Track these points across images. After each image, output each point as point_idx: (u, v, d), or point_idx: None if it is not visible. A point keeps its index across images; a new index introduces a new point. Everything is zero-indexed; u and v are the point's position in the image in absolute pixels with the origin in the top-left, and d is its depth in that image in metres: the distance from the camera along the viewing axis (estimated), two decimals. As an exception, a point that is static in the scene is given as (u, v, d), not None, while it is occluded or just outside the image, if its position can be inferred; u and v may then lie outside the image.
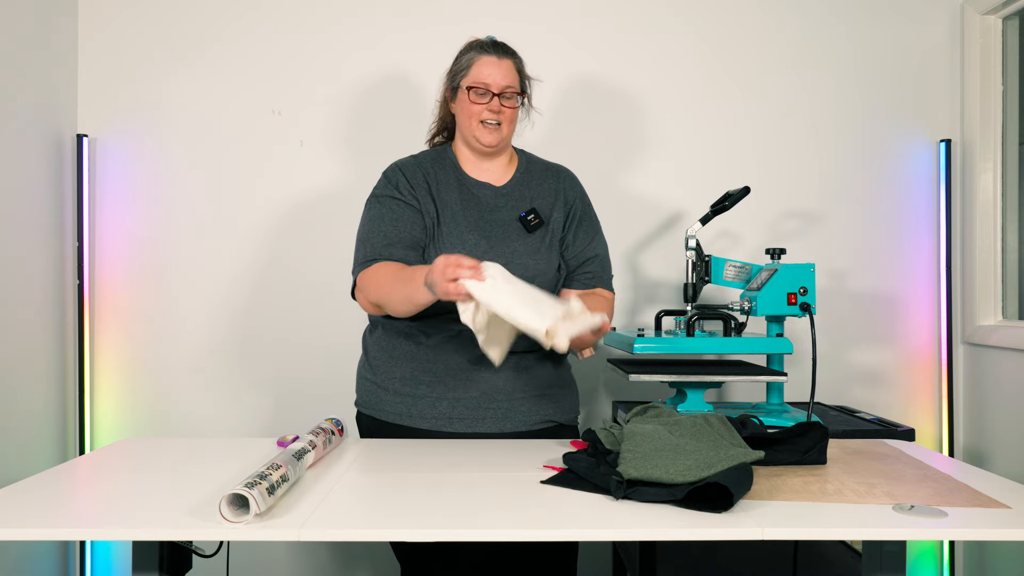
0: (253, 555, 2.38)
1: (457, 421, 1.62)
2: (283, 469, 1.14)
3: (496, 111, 1.65)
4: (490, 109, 1.64)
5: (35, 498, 1.16)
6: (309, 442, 1.34)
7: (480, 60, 1.65)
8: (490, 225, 1.67)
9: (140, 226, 2.40)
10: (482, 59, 1.65)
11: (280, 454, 1.21)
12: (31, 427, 2.20)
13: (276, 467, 1.13)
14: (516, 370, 1.64)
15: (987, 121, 2.38)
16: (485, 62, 1.65)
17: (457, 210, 1.67)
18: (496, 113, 1.65)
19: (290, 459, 1.20)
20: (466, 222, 1.66)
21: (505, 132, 1.67)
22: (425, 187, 1.67)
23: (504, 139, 1.68)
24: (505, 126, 1.67)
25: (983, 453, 2.35)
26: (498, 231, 1.66)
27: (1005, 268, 2.39)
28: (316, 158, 2.43)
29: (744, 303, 1.88)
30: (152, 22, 2.41)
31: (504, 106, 1.65)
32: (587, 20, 2.44)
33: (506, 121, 1.66)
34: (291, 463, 1.19)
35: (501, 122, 1.66)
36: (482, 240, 1.64)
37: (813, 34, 2.46)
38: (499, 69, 1.64)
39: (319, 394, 2.40)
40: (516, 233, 1.67)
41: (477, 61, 1.65)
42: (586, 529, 1.06)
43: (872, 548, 1.25)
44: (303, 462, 1.26)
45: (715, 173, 2.43)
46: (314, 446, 1.34)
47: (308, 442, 1.33)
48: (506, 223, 1.68)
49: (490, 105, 1.64)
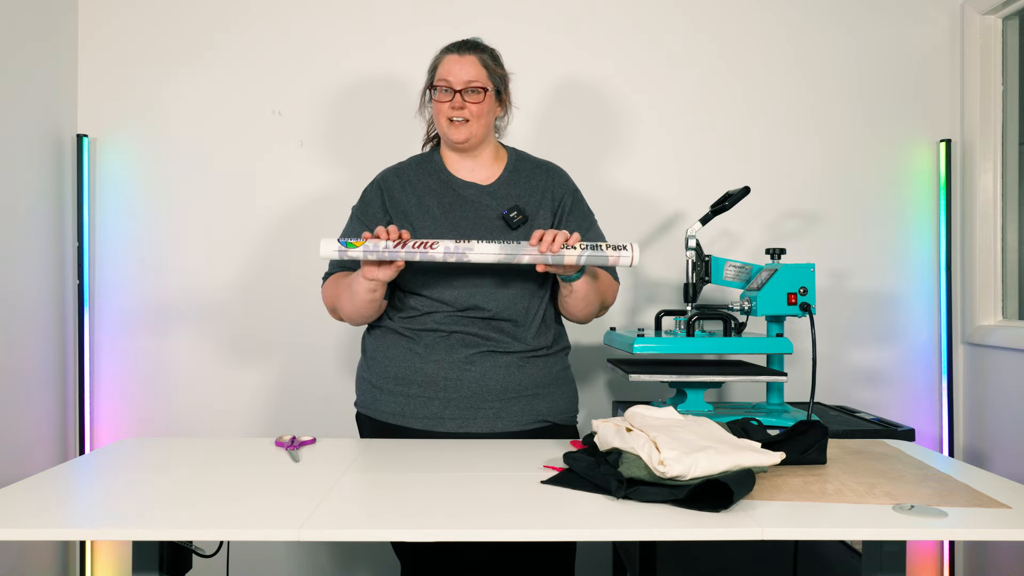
0: (253, 555, 2.38)
1: (448, 421, 1.62)
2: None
3: (459, 107, 1.65)
4: (453, 106, 1.65)
5: (35, 498, 1.16)
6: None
7: (444, 60, 1.69)
8: (471, 224, 1.67)
9: (140, 226, 2.40)
10: (445, 59, 1.68)
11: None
12: (31, 427, 2.20)
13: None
14: (508, 369, 1.64)
15: (987, 121, 2.38)
16: (447, 60, 1.68)
17: (437, 213, 1.68)
18: (459, 109, 1.65)
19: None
20: (446, 222, 1.66)
21: (474, 128, 1.67)
22: (390, 200, 1.72)
23: (474, 134, 1.68)
24: (474, 122, 1.66)
25: (983, 453, 2.35)
26: (479, 230, 1.66)
27: (1005, 268, 2.39)
28: (316, 158, 2.43)
29: (744, 303, 1.89)
30: (152, 22, 2.41)
31: (468, 102, 1.65)
32: (587, 19, 2.44)
33: (473, 117, 1.66)
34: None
35: (468, 118, 1.66)
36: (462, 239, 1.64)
37: (813, 34, 2.46)
38: (460, 66, 1.66)
39: (319, 394, 2.41)
40: (499, 231, 1.67)
41: (441, 61, 1.69)
42: (586, 529, 1.06)
43: (872, 548, 1.25)
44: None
45: (715, 173, 2.43)
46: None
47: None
48: (490, 221, 1.68)
49: (453, 102, 1.65)
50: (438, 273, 1.64)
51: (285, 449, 1.48)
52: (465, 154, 1.73)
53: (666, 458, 1.12)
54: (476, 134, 1.68)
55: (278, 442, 1.51)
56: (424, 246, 1.49)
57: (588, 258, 1.51)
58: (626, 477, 1.15)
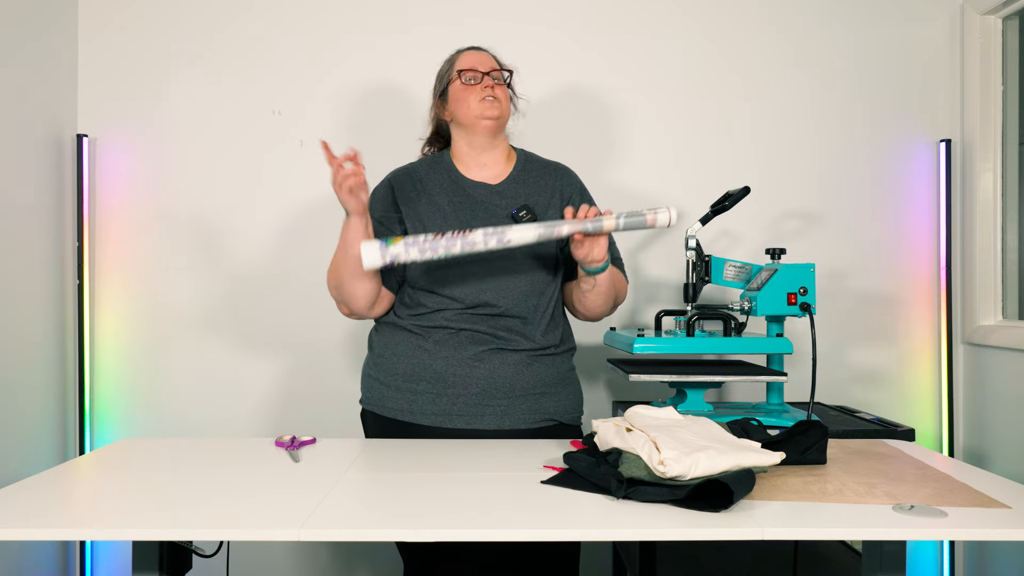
0: (253, 555, 2.38)
1: (457, 417, 1.63)
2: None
3: (490, 86, 1.72)
4: (484, 85, 1.71)
5: (35, 498, 1.16)
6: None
7: (461, 56, 1.77)
8: (482, 224, 1.67)
9: (140, 226, 2.40)
10: (464, 53, 1.77)
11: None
12: (31, 427, 2.20)
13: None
14: (517, 367, 1.65)
15: (987, 121, 2.38)
16: (468, 54, 1.76)
17: (448, 212, 1.69)
18: (491, 88, 1.71)
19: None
20: (457, 222, 1.68)
21: (504, 107, 1.73)
22: (402, 197, 1.72)
23: (504, 114, 1.73)
24: (503, 101, 1.73)
25: (983, 453, 2.35)
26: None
27: (1005, 268, 2.39)
28: (317, 157, 2.42)
29: (744, 303, 1.89)
30: (152, 22, 2.41)
31: (496, 84, 1.73)
32: (588, 19, 2.44)
33: (503, 97, 1.73)
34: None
35: (498, 97, 1.72)
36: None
37: (813, 34, 2.46)
38: (480, 57, 1.76)
39: (319, 394, 2.41)
40: None
41: (460, 56, 1.77)
42: (586, 529, 1.06)
43: (872, 548, 1.25)
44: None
45: (715, 173, 2.43)
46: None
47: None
48: (499, 220, 1.68)
49: (483, 82, 1.72)
50: (447, 270, 1.65)
51: (285, 449, 1.48)
52: (483, 148, 1.74)
53: (666, 458, 1.13)
54: (505, 113, 1.74)
55: (278, 442, 1.51)
56: (463, 234, 1.49)
57: (626, 222, 1.50)
58: (626, 477, 1.15)
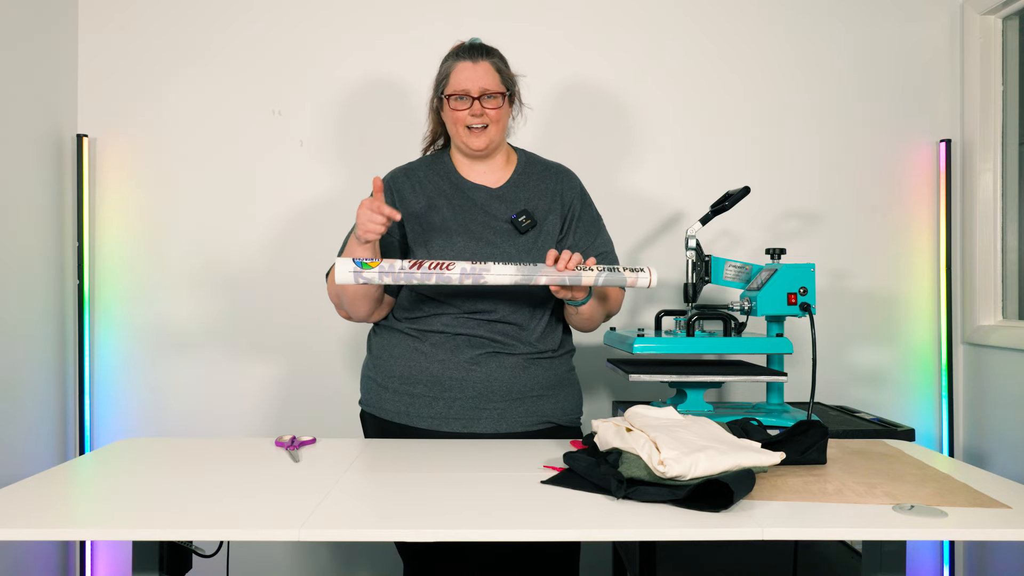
0: (253, 555, 2.38)
1: (453, 420, 1.62)
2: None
3: (478, 114, 1.64)
4: (472, 113, 1.64)
5: (35, 498, 1.16)
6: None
7: (457, 67, 1.65)
8: (481, 227, 1.67)
9: (140, 226, 2.40)
10: (458, 65, 1.65)
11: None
12: (31, 427, 2.20)
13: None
14: (513, 371, 1.64)
15: (987, 121, 2.38)
16: (461, 68, 1.65)
17: (447, 214, 1.68)
18: (479, 116, 1.65)
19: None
20: (456, 225, 1.66)
21: (493, 133, 1.67)
22: (400, 200, 1.70)
23: (493, 140, 1.68)
24: (492, 127, 1.66)
25: (983, 453, 2.35)
26: (488, 233, 1.66)
27: (1005, 268, 2.39)
28: (316, 158, 2.43)
29: (744, 303, 1.89)
30: (152, 22, 2.41)
31: (486, 108, 1.65)
32: (588, 19, 2.44)
33: (492, 122, 1.66)
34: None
35: (487, 124, 1.66)
36: (471, 242, 1.64)
37: (813, 34, 2.46)
38: (475, 72, 1.64)
39: (319, 394, 2.40)
40: (507, 235, 1.67)
41: (454, 68, 1.66)
42: (586, 529, 1.06)
43: (872, 548, 1.25)
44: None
45: (715, 173, 2.43)
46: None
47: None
48: (499, 225, 1.68)
49: (471, 109, 1.64)
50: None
51: (285, 449, 1.48)
52: (477, 159, 1.73)
53: (666, 458, 1.13)
54: (495, 139, 1.68)
55: (278, 442, 1.51)
56: (440, 267, 1.48)
57: (606, 279, 1.50)
58: (626, 477, 1.15)
